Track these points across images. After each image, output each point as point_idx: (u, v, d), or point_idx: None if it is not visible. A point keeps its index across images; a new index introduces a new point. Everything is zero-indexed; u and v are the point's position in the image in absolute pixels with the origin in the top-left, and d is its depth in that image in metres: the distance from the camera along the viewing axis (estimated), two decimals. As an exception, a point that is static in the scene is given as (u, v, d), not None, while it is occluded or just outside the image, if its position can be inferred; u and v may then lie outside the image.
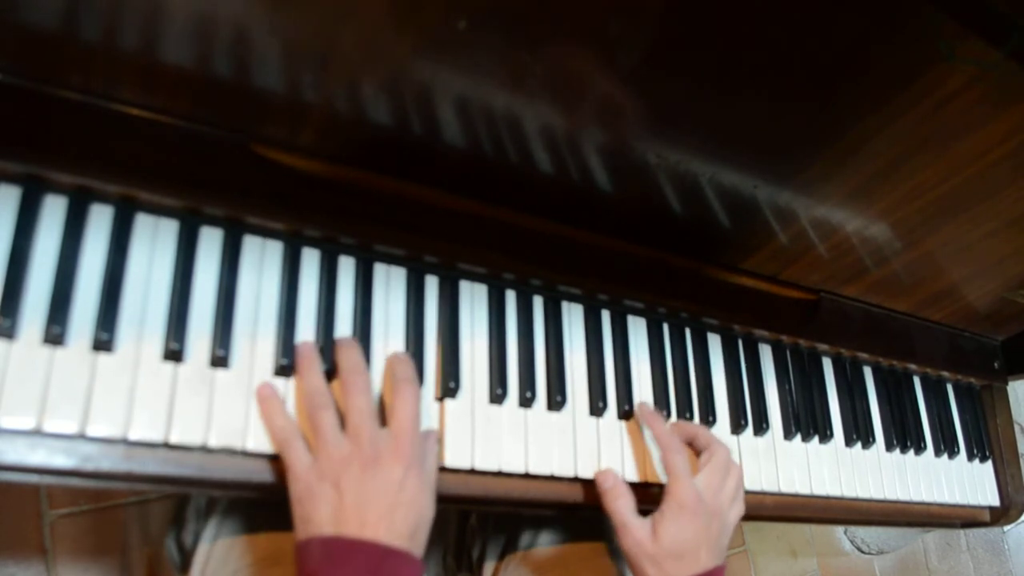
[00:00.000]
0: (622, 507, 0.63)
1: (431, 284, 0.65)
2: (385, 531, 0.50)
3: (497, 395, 0.64)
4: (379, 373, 0.59)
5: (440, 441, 0.60)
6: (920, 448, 0.95)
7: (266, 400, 0.54)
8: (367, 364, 0.58)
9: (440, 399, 0.62)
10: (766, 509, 0.80)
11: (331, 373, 0.57)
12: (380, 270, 0.62)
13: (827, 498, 0.84)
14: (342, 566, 0.49)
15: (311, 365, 0.55)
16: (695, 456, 0.70)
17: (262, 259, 0.58)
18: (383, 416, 0.56)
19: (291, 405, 0.55)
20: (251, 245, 0.57)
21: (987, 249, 0.81)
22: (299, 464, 0.52)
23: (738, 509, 0.68)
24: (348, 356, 0.56)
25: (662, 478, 0.69)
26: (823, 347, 0.88)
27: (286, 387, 0.55)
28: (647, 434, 0.70)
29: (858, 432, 0.88)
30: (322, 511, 0.50)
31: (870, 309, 0.90)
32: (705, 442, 0.69)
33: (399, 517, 0.51)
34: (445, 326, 0.64)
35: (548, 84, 0.54)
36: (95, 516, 0.98)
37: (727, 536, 0.66)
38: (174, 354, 0.52)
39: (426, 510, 0.54)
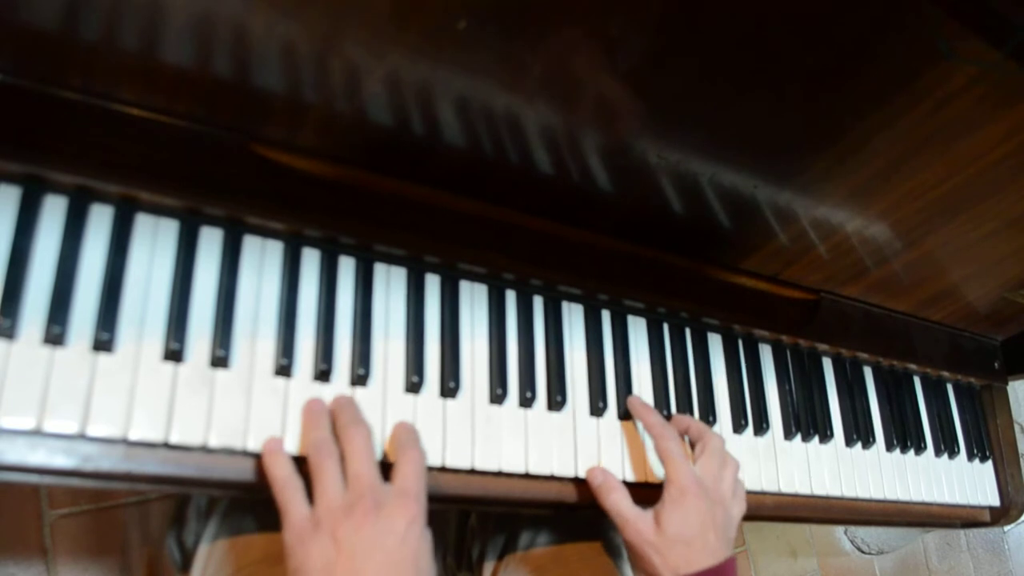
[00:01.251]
0: (617, 500, 0.63)
1: (431, 284, 0.65)
2: None
3: (497, 395, 0.64)
4: (378, 376, 0.59)
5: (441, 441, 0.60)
6: (920, 448, 0.95)
7: (271, 453, 0.52)
8: (368, 363, 0.58)
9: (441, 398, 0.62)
10: (766, 509, 0.80)
11: (323, 372, 0.57)
12: (380, 270, 0.62)
13: (827, 498, 0.84)
14: None
15: (319, 421, 0.54)
16: (689, 449, 0.69)
17: (262, 259, 0.58)
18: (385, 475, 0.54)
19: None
20: (251, 245, 0.57)
21: (987, 249, 0.81)
22: (296, 513, 0.49)
23: (740, 504, 0.67)
24: (346, 410, 0.54)
25: (659, 474, 0.69)
26: (823, 347, 0.88)
27: (286, 387, 0.55)
28: (641, 428, 0.70)
29: (858, 432, 0.88)
30: (316, 563, 0.47)
31: (870, 309, 0.90)
32: (698, 433, 0.69)
33: (399, 575, 0.48)
34: (445, 326, 0.64)
35: (548, 84, 0.54)
36: (95, 516, 0.98)
37: (733, 528, 0.65)
38: (174, 354, 0.52)
39: (424, 571, 0.50)
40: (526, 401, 0.65)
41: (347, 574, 0.47)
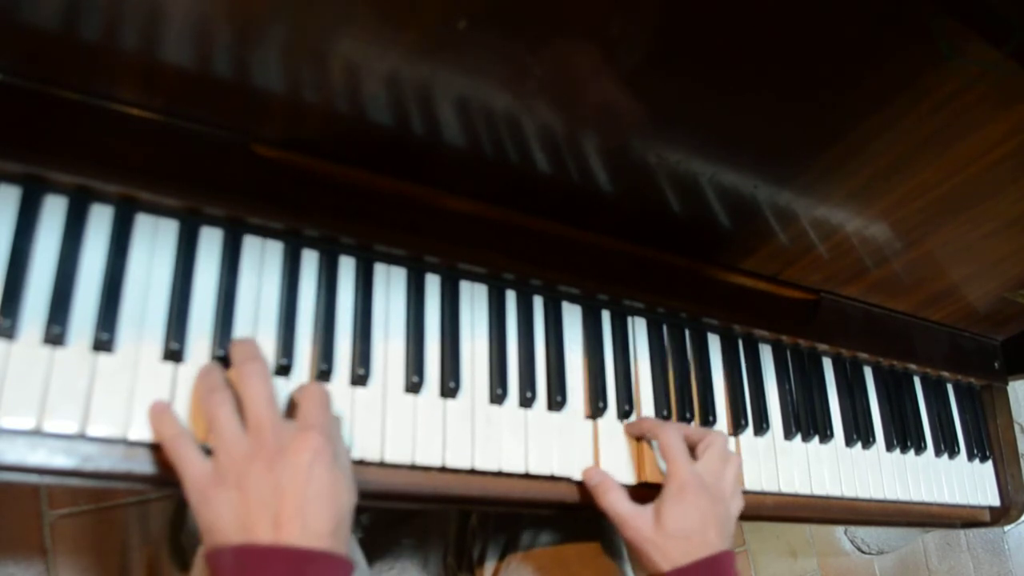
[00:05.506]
0: (614, 500, 0.63)
1: (431, 284, 0.65)
2: (300, 531, 0.45)
3: (497, 395, 0.64)
4: (378, 376, 0.59)
5: (442, 442, 0.60)
6: (920, 448, 0.95)
7: (157, 415, 0.49)
8: (368, 363, 0.58)
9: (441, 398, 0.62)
10: (766, 509, 0.80)
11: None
12: (380, 270, 0.62)
13: (827, 498, 0.84)
14: None
15: (209, 371, 0.51)
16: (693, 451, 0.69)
17: (262, 259, 0.58)
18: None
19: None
20: (251, 245, 0.57)
21: (987, 249, 0.81)
22: (193, 470, 0.47)
23: (739, 502, 0.67)
24: (242, 346, 0.52)
25: (661, 474, 0.69)
26: (823, 347, 0.88)
27: (285, 387, 0.55)
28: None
29: (858, 432, 0.88)
30: (226, 517, 0.45)
31: (870, 309, 0.90)
32: (700, 434, 0.69)
33: (313, 513, 0.46)
34: (445, 326, 0.64)
35: (548, 84, 0.54)
36: (95, 516, 0.98)
37: (732, 524, 0.65)
38: (174, 354, 0.52)
39: (344, 499, 0.49)
40: (526, 401, 0.65)
41: (263, 521, 0.45)
